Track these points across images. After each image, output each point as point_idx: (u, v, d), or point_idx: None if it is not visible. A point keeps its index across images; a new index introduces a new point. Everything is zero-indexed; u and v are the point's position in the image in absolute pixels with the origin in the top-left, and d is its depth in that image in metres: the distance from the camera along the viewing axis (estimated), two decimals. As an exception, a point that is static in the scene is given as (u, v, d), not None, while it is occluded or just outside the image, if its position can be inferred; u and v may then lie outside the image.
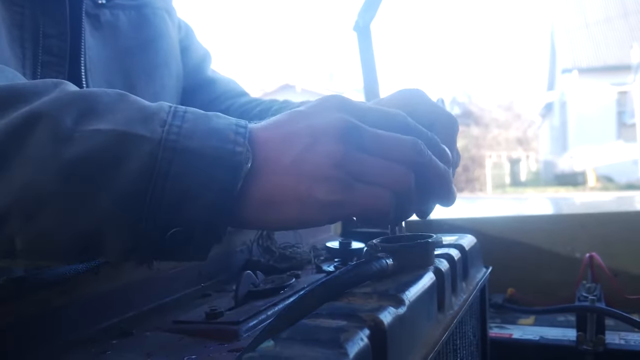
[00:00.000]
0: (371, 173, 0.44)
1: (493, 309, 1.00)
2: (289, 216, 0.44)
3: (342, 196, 0.43)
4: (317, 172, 0.43)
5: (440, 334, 0.48)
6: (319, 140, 0.43)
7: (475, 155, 19.59)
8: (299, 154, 0.43)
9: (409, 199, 0.46)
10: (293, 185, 0.43)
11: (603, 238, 1.11)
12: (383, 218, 0.45)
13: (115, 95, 0.44)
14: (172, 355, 0.45)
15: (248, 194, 0.43)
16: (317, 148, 0.43)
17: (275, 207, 0.44)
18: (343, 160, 0.43)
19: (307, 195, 0.43)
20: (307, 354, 0.30)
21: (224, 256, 0.73)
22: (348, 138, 0.43)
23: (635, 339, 0.85)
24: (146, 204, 0.40)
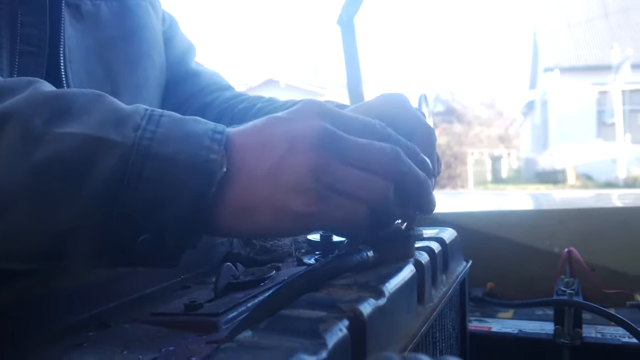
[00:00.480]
0: (348, 185, 0.43)
1: (473, 303, 1.01)
2: (263, 225, 0.43)
3: (316, 208, 0.42)
4: (293, 182, 0.42)
5: (420, 326, 0.49)
6: (297, 148, 0.43)
7: (457, 152, 19.71)
8: (276, 162, 0.43)
9: (387, 211, 0.46)
10: (268, 194, 0.43)
11: (581, 233, 1.12)
12: (356, 231, 0.46)
13: (92, 96, 0.43)
14: (150, 347, 0.45)
15: (222, 201, 0.43)
16: (294, 156, 0.43)
17: (250, 215, 0.43)
18: (319, 170, 0.42)
19: (282, 205, 0.42)
20: (286, 343, 0.30)
21: (204, 248, 0.73)
22: (326, 147, 0.43)
23: (611, 332, 0.87)
24: (116, 208, 0.40)
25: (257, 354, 0.28)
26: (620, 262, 1.10)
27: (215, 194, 0.42)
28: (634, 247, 1.11)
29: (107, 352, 0.44)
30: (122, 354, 0.43)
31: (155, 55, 0.91)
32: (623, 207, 1.30)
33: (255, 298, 0.55)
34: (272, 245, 0.76)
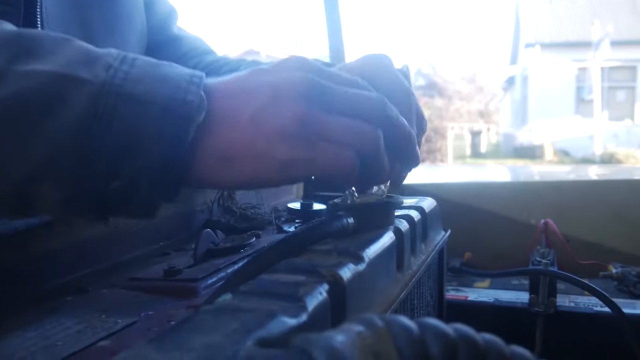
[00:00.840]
0: (336, 132, 0.42)
1: (450, 273, 1.03)
2: (246, 174, 0.42)
3: (302, 154, 0.41)
4: (276, 128, 0.41)
5: (399, 293, 0.49)
6: (281, 97, 0.41)
7: (438, 127, 19.76)
8: (259, 109, 0.41)
9: (378, 159, 0.44)
10: (251, 141, 0.41)
11: (557, 205, 1.14)
12: (346, 179, 0.43)
13: (60, 39, 0.41)
14: (128, 312, 0.45)
15: (201, 149, 0.41)
16: (278, 104, 0.41)
17: (231, 164, 0.41)
18: (305, 118, 0.41)
19: (265, 153, 0.41)
20: (266, 306, 0.30)
21: (183, 215, 0.72)
22: (311, 96, 0.42)
23: (584, 301, 0.89)
24: (86, 151, 0.38)
25: (236, 316, 0.28)
26: (595, 233, 1.12)
27: (193, 141, 0.40)
28: (608, 219, 1.13)
29: (85, 316, 0.43)
30: (100, 318, 0.43)
31: (135, 18, 0.89)
32: (598, 180, 1.32)
33: (234, 264, 0.55)
34: (252, 213, 0.76)
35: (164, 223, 0.68)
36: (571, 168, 2.64)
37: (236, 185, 0.44)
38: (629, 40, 15.97)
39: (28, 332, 0.40)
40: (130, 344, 0.38)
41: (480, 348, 0.24)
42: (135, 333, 0.41)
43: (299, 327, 0.28)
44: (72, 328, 0.41)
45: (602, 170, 1.86)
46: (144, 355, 0.23)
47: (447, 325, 0.25)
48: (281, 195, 0.93)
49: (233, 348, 0.23)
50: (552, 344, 0.84)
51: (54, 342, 0.39)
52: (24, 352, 0.37)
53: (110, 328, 0.41)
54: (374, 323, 0.24)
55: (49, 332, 0.40)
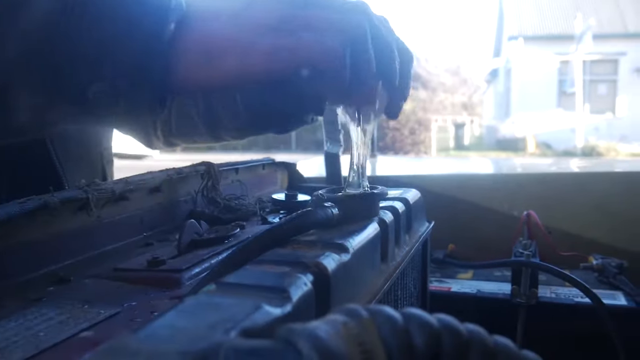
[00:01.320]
0: (318, 21, 0.40)
1: (434, 264, 1.03)
2: (230, 69, 0.40)
3: (285, 43, 0.39)
4: (259, 22, 0.39)
5: (383, 284, 0.49)
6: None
7: (422, 119, 19.82)
8: (240, 8, 0.39)
9: (366, 50, 0.41)
10: (234, 34, 0.39)
11: (540, 197, 1.15)
12: (334, 69, 0.41)
13: None
14: (111, 302, 0.44)
15: (182, 45, 0.38)
16: (260, 2, 0.40)
17: (215, 59, 0.39)
18: (285, 14, 0.40)
19: (248, 45, 0.39)
20: (250, 297, 0.30)
21: (167, 206, 0.72)
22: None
23: (565, 293, 0.90)
24: (57, 54, 0.36)
25: (220, 307, 0.28)
26: (576, 225, 1.14)
27: (173, 37, 0.38)
28: (589, 211, 1.14)
29: (67, 306, 0.43)
30: (82, 308, 0.43)
31: None
32: (580, 173, 1.33)
33: (219, 255, 0.55)
34: (237, 204, 0.76)
35: (148, 213, 0.67)
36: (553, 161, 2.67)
37: (222, 83, 0.42)
38: (611, 34, 16.15)
39: (9, 322, 0.40)
40: (113, 335, 0.37)
41: (464, 338, 0.24)
42: (118, 324, 0.40)
43: (284, 317, 0.28)
44: (55, 318, 0.41)
45: (583, 163, 1.88)
46: (126, 346, 0.23)
47: (430, 315, 0.25)
48: (265, 187, 0.93)
49: (217, 339, 0.23)
50: (534, 335, 0.86)
51: (36, 332, 0.38)
52: (5, 343, 0.37)
53: (92, 318, 0.41)
54: (358, 313, 0.24)
55: (31, 322, 0.40)
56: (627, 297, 0.88)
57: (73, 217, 0.56)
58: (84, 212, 0.57)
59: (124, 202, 0.64)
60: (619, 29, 16.29)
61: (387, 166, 1.81)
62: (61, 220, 0.54)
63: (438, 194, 1.18)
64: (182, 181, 0.75)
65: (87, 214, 0.57)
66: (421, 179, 1.21)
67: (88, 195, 0.55)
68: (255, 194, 0.87)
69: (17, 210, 0.48)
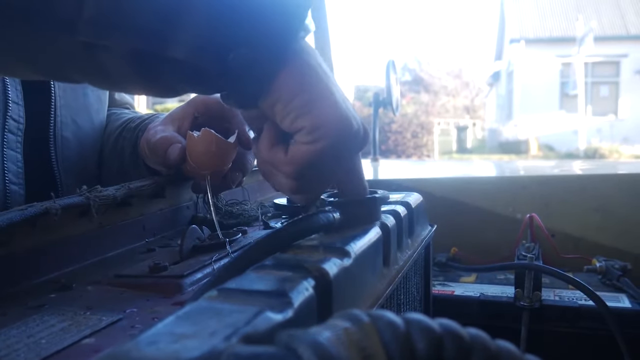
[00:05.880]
0: None
1: (437, 268, 1.03)
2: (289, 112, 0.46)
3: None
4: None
5: (385, 288, 0.49)
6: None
7: (424, 122, 19.80)
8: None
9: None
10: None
11: (542, 200, 1.15)
12: None
13: None
14: (113, 309, 0.44)
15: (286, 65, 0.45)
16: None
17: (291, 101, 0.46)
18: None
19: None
20: (252, 303, 0.30)
21: (169, 212, 0.72)
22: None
23: (568, 295, 0.89)
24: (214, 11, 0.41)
25: (222, 313, 0.28)
26: (579, 228, 1.13)
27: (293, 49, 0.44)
28: (592, 213, 1.14)
29: (69, 313, 0.43)
30: (84, 315, 0.43)
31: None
32: (583, 175, 1.33)
33: (220, 260, 0.55)
34: (238, 209, 0.76)
35: (150, 219, 0.67)
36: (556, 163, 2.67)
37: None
38: (613, 36, 16.13)
39: (11, 329, 0.40)
40: (115, 342, 0.37)
41: (466, 343, 0.24)
42: (119, 330, 0.40)
43: (285, 323, 0.28)
44: (56, 326, 0.41)
45: (586, 165, 1.88)
46: (127, 353, 0.23)
47: (432, 320, 0.25)
48: (267, 192, 0.93)
49: (218, 345, 0.23)
50: (537, 338, 0.85)
51: (38, 339, 0.38)
52: (7, 350, 0.37)
53: (94, 325, 0.40)
54: (360, 319, 0.24)
55: (33, 329, 0.40)
56: (631, 299, 0.88)
57: (74, 223, 0.56)
58: (85, 218, 0.57)
59: (126, 208, 0.64)
60: (621, 31, 16.28)
61: (389, 170, 1.81)
62: (62, 227, 0.54)
63: (440, 197, 1.18)
64: (183, 187, 0.75)
65: (89, 220, 0.57)
66: (423, 183, 1.20)
67: (89, 202, 0.55)
68: (257, 198, 0.87)
69: (18, 216, 0.48)
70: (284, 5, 0.43)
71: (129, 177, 0.70)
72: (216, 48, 0.42)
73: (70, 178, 0.79)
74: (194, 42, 0.41)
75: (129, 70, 0.42)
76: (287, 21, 0.43)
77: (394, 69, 1.65)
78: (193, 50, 0.41)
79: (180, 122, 0.73)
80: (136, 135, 0.80)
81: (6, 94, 0.70)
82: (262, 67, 0.43)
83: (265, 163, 0.49)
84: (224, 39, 0.41)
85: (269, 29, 0.42)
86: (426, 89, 22.47)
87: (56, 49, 0.41)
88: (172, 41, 0.41)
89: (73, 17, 0.39)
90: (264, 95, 0.45)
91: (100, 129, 0.88)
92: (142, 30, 0.40)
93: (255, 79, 0.44)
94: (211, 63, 0.42)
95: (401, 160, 9.73)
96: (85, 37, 0.40)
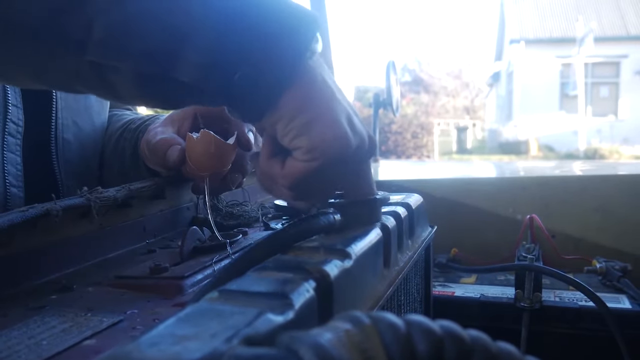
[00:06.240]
0: None
1: (437, 269, 1.03)
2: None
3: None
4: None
5: (385, 289, 0.49)
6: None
7: (424, 123, 19.79)
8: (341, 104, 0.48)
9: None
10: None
11: (543, 201, 1.15)
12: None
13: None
14: (114, 310, 0.44)
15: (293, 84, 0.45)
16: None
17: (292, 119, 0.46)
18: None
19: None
20: (253, 304, 0.30)
21: (169, 213, 0.72)
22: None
23: (569, 296, 0.89)
24: (223, 31, 0.41)
25: (223, 315, 0.28)
26: (579, 229, 1.13)
27: (299, 68, 0.44)
28: (592, 214, 1.14)
29: (70, 314, 0.43)
30: (85, 316, 0.43)
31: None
32: (583, 176, 1.33)
33: (221, 261, 0.55)
34: (239, 210, 0.76)
35: (150, 220, 0.67)
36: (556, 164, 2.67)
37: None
38: (613, 37, 16.13)
39: (12, 331, 0.40)
40: (116, 343, 0.37)
41: (467, 345, 0.24)
42: (120, 332, 0.40)
43: (286, 324, 0.28)
44: (57, 327, 0.41)
45: (586, 166, 1.88)
46: (127, 354, 0.23)
47: (433, 322, 0.25)
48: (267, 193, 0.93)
49: (219, 347, 0.23)
50: (538, 339, 0.85)
51: (39, 341, 0.38)
52: (8, 352, 0.37)
53: (95, 327, 0.41)
54: (360, 320, 0.24)
55: (34, 331, 0.40)
56: (631, 300, 0.88)
57: (75, 224, 0.56)
58: (86, 220, 0.57)
59: (126, 209, 0.64)
60: (621, 31, 16.28)
61: (389, 170, 1.81)
62: (63, 228, 0.54)
63: (441, 198, 1.18)
64: (183, 188, 0.75)
65: (89, 221, 0.57)
66: (424, 184, 1.20)
67: (90, 203, 0.55)
68: (257, 200, 0.87)
69: (19, 217, 0.48)
70: (292, 27, 0.43)
71: (129, 178, 0.70)
72: (222, 69, 0.42)
73: (71, 180, 0.80)
74: (200, 64, 0.41)
75: (136, 88, 0.43)
76: (294, 42, 0.43)
77: (394, 69, 1.65)
78: (199, 72, 0.42)
79: (180, 123, 0.73)
80: (137, 136, 0.80)
81: (5, 97, 0.70)
82: (267, 87, 0.43)
83: (263, 173, 0.50)
84: (230, 60, 0.42)
85: (276, 50, 0.43)
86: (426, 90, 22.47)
87: (64, 65, 0.42)
88: (179, 63, 0.41)
89: (83, 38, 0.39)
90: (267, 113, 0.45)
91: (101, 130, 0.88)
92: (149, 53, 0.41)
93: (260, 98, 0.44)
94: (216, 84, 0.43)
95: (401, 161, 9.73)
96: (94, 57, 0.40)
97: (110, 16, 0.39)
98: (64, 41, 0.40)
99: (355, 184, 0.51)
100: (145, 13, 0.40)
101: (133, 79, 0.42)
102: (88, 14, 0.39)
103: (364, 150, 0.48)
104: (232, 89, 0.43)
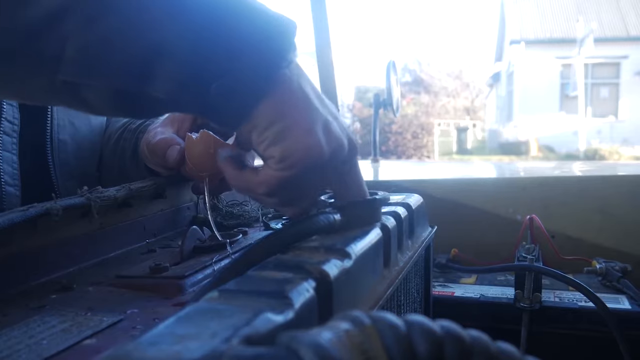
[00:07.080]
0: None
1: (437, 269, 1.03)
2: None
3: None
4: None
5: (385, 289, 0.49)
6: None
7: (424, 123, 19.77)
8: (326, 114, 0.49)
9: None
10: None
11: (542, 201, 1.15)
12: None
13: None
14: (114, 310, 0.44)
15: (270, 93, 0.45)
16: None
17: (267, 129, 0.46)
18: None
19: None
20: (252, 304, 0.30)
21: (170, 213, 0.72)
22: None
23: (568, 297, 0.89)
24: (200, 47, 0.41)
25: (223, 314, 0.28)
26: (579, 229, 1.13)
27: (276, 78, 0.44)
28: (592, 215, 1.14)
29: (70, 314, 0.43)
30: (85, 316, 0.43)
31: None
32: (583, 177, 1.33)
33: (221, 261, 0.55)
34: (239, 210, 0.76)
35: (150, 220, 0.68)
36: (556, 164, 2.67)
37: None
38: (613, 37, 16.13)
39: (12, 330, 0.40)
40: (116, 343, 0.37)
41: (467, 345, 0.24)
42: (120, 331, 0.40)
43: (286, 324, 0.28)
44: (57, 327, 0.41)
45: (586, 167, 1.88)
46: (127, 354, 0.23)
47: (433, 322, 0.25)
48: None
49: (219, 346, 0.23)
50: (537, 339, 0.85)
51: (39, 340, 0.38)
52: (8, 351, 0.37)
53: (95, 326, 0.41)
54: (360, 320, 0.24)
55: (34, 330, 0.40)
56: (630, 301, 0.88)
57: (75, 224, 0.56)
58: (86, 219, 0.57)
59: (127, 209, 0.64)
60: (621, 32, 16.28)
61: (389, 171, 1.81)
62: (63, 228, 0.54)
63: (441, 199, 1.18)
64: (184, 188, 0.75)
65: (90, 221, 0.57)
66: (424, 184, 1.20)
67: (90, 202, 0.55)
68: (257, 199, 0.87)
69: (19, 217, 0.48)
70: (267, 37, 0.43)
71: (129, 178, 0.71)
72: (197, 82, 0.42)
73: (67, 180, 0.80)
74: (175, 79, 0.41)
75: (110, 104, 0.43)
76: (270, 51, 0.43)
77: (395, 69, 1.65)
78: (174, 86, 0.42)
79: (179, 123, 0.73)
80: (136, 136, 0.80)
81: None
82: (243, 97, 0.44)
83: (236, 180, 0.50)
84: (205, 73, 0.42)
85: (252, 60, 0.43)
86: (426, 90, 22.45)
87: (39, 84, 0.41)
88: (154, 80, 0.41)
89: (55, 57, 0.39)
90: (243, 122, 0.46)
91: (99, 131, 0.88)
92: (123, 71, 0.41)
93: (235, 107, 0.44)
94: (192, 96, 0.43)
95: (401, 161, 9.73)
96: (67, 77, 0.40)
97: (82, 37, 0.39)
98: (38, 61, 0.40)
99: (341, 187, 0.51)
100: (117, 32, 0.39)
101: (107, 95, 0.42)
102: (61, 36, 0.39)
103: (342, 155, 0.48)
104: (208, 100, 0.43)
